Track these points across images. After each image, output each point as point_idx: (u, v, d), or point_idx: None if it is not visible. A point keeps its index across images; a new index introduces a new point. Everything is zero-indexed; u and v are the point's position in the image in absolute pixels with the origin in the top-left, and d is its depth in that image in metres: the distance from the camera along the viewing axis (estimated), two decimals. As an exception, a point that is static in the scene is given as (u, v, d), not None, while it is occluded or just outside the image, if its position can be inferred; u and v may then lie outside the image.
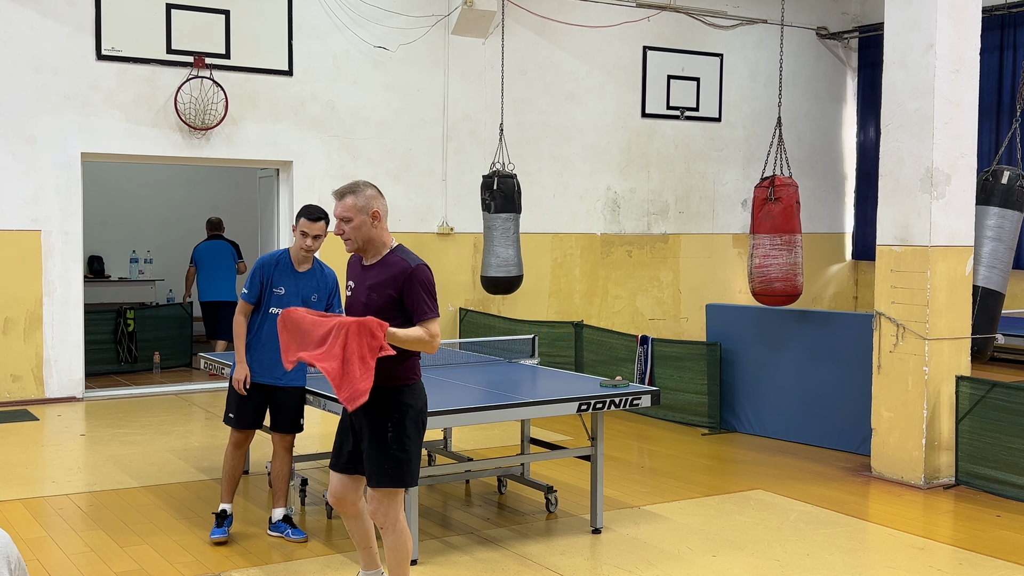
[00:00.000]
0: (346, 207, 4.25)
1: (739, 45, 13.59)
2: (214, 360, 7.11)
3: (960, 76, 6.90)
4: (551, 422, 8.61)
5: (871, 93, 14.26)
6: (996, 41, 12.58)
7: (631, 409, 6.03)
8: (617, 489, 6.74)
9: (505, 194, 10.45)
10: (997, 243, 7.55)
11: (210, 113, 10.18)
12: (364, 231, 4.27)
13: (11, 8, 9.54)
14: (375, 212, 4.26)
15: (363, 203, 4.25)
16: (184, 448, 7.90)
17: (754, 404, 8.61)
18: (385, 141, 11.27)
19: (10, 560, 2.54)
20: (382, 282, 4.26)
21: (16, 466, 7.30)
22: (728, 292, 13.54)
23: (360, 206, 4.24)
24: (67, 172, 9.80)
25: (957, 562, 5.43)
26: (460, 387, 6.05)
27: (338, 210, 4.27)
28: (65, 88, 9.74)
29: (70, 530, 5.86)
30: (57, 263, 9.78)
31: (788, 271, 8.14)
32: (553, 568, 5.25)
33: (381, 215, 4.29)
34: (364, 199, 4.26)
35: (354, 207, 4.24)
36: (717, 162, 13.55)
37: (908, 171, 6.94)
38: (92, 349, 10.63)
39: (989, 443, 6.65)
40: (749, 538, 5.75)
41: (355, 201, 4.25)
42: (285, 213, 10.96)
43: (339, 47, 10.96)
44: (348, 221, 4.26)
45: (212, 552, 5.47)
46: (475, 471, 6.62)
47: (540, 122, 12.20)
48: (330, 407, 5.49)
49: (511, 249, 10.50)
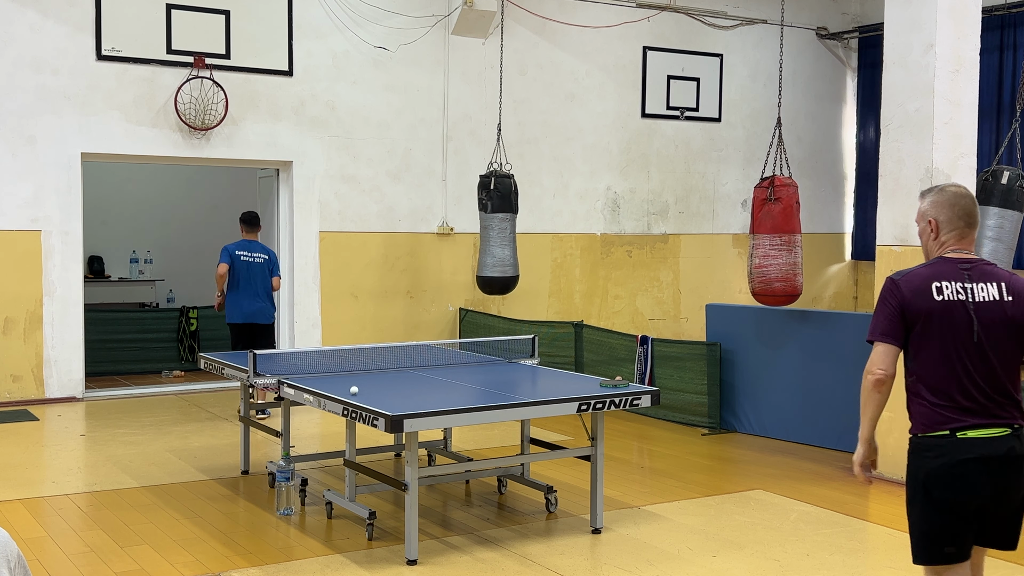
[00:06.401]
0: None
1: (739, 45, 13.59)
2: (214, 360, 7.10)
3: (960, 76, 6.89)
4: (551, 422, 8.62)
5: (871, 93, 14.26)
6: (996, 41, 12.58)
7: (631, 409, 6.03)
8: (617, 489, 6.74)
9: (502, 194, 10.44)
10: (997, 243, 7.56)
11: (210, 113, 10.18)
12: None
13: (11, 8, 9.54)
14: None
15: (925, 208, 3.76)
16: (184, 448, 7.90)
17: (754, 404, 8.61)
18: (385, 141, 11.27)
19: (10, 560, 2.54)
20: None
21: (16, 466, 7.30)
22: (728, 292, 13.54)
23: (922, 211, 3.78)
24: (67, 172, 9.80)
25: (957, 562, 5.42)
26: (460, 387, 6.05)
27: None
28: (65, 88, 9.75)
29: (70, 530, 5.86)
30: (57, 263, 9.78)
31: (788, 271, 8.14)
32: (553, 568, 5.25)
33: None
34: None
35: (917, 212, 3.81)
36: (717, 162, 13.55)
37: (908, 171, 6.94)
38: (94, 349, 10.62)
39: (989, 443, 6.64)
40: (749, 538, 5.75)
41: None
42: (285, 213, 10.96)
43: (339, 47, 10.96)
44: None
45: (212, 552, 5.47)
46: (475, 471, 6.62)
47: (540, 122, 12.20)
48: (330, 407, 5.49)
49: (507, 249, 10.50)
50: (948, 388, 3.50)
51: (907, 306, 3.53)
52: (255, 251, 9.41)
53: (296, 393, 5.86)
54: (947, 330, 3.51)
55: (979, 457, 3.44)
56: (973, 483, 3.45)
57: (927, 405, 3.52)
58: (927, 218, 3.69)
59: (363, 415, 5.16)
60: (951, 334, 3.50)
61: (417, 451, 5.34)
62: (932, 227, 3.67)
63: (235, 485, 6.87)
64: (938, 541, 3.51)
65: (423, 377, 6.37)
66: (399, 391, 5.84)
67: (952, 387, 3.50)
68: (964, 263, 3.59)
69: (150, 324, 11.84)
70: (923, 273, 3.58)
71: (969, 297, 3.52)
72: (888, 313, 3.56)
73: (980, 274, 3.57)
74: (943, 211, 3.65)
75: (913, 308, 3.52)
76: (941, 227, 3.65)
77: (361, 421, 5.20)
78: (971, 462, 3.44)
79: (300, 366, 6.58)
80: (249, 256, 9.35)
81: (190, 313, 11.82)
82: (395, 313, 11.39)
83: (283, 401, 6.34)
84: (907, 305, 3.53)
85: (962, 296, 3.52)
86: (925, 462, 3.51)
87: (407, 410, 5.10)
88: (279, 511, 6.15)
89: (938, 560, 3.53)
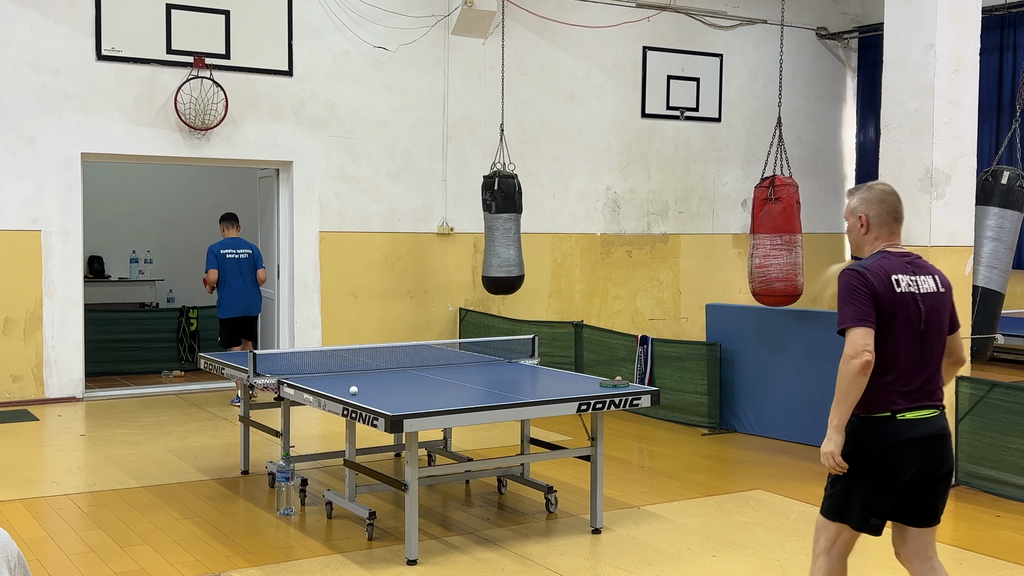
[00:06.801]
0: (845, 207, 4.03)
1: (739, 45, 13.59)
2: (214, 360, 7.11)
3: (960, 76, 6.89)
4: (551, 422, 8.62)
5: (871, 93, 14.26)
6: (996, 41, 12.58)
7: (631, 409, 6.03)
8: (617, 489, 6.74)
9: (506, 194, 10.44)
10: (997, 243, 7.55)
11: (210, 113, 10.18)
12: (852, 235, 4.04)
13: (11, 8, 9.54)
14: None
15: (854, 205, 3.97)
16: (184, 448, 7.90)
17: (754, 404, 8.61)
18: (385, 141, 11.27)
19: (10, 560, 2.54)
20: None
21: (16, 466, 7.30)
22: (728, 292, 13.54)
23: (851, 208, 3.98)
24: (67, 172, 9.80)
25: (957, 562, 5.43)
26: (460, 387, 6.05)
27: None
28: (65, 88, 9.75)
29: (70, 530, 5.86)
30: (57, 263, 9.78)
31: (788, 271, 8.14)
32: (553, 568, 5.25)
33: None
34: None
35: (847, 208, 4.01)
36: (717, 162, 13.55)
37: (908, 171, 6.93)
38: (94, 349, 10.62)
39: (989, 443, 6.65)
40: (749, 538, 5.75)
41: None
42: (285, 213, 10.96)
43: (339, 47, 10.96)
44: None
45: (212, 552, 5.47)
46: (475, 471, 6.62)
47: (540, 122, 12.20)
48: (330, 407, 5.49)
49: (512, 249, 10.50)
50: (894, 373, 3.73)
51: (877, 295, 3.72)
52: (240, 248, 9.88)
53: (296, 393, 5.86)
54: (903, 320, 3.74)
55: (915, 437, 3.71)
56: (909, 459, 3.71)
57: (872, 388, 3.71)
58: (857, 214, 3.90)
59: (363, 415, 5.16)
60: (905, 324, 3.74)
61: (417, 451, 5.34)
62: (863, 222, 3.89)
63: (235, 485, 6.87)
64: (868, 511, 3.77)
65: (423, 377, 6.37)
66: (399, 391, 5.84)
67: (898, 373, 3.73)
68: (905, 257, 3.85)
69: (150, 324, 11.84)
70: (882, 266, 3.77)
71: (917, 289, 3.79)
72: (864, 299, 3.72)
73: (919, 267, 3.85)
74: (872, 207, 3.89)
75: (879, 298, 3.72)
76: (872, 222, 3.88)
77: (361, 421, 5.20)
78: (908, 441, 3.70)
79: (300, 366, 6.58)
80: (235, 253, 9.83)
81: (190, 313, 11.82)
82: (395, 313, 11.39)
83: (283, 401, 6.34)
84: (876, 295, 3.72)
85: (913, 289, 3.78)
86: (867, 440, 3.73)
87: (407, 410, 5.10)
88: (279, 511, 6.15)
89: (866, 529, 3.79)
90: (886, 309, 3.72)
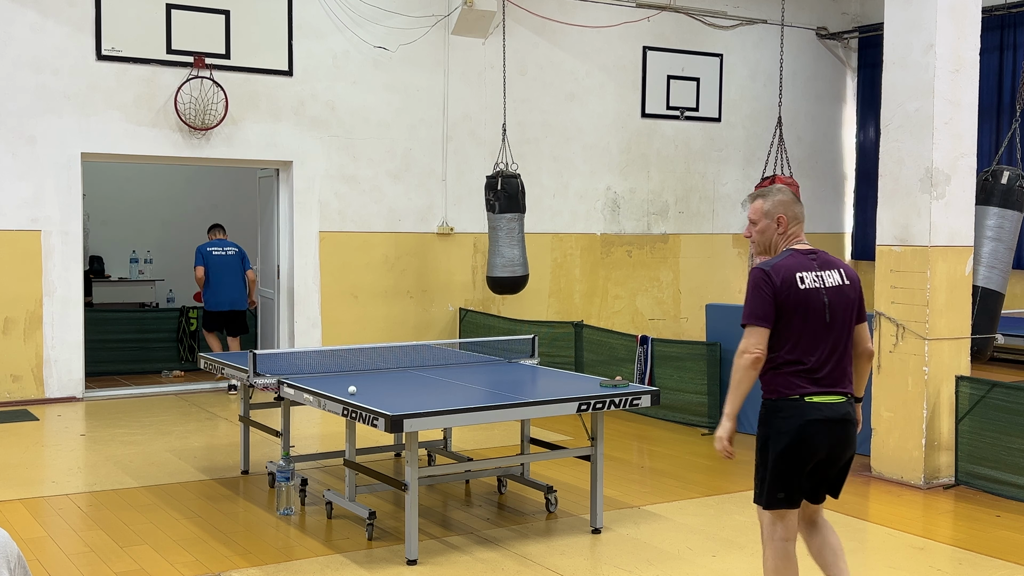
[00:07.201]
0: (753, 210, 4.23)
1: (739, 45, 13.59)
2: (214, 360, 7.11)
3: (960, 76, 6.90)
4: (551, 422, 8.62)
5: (871, 93, 14.26)
6: (996, 41, 12.58)
7: (631, 409, 6.03)
8: (617, 489, 6.74)
9: (509, 194, 10.45)
10: (997, 243, 7.55)
11: (210, 113, 10.18)
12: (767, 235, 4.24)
13: (11, 8, 9.54)
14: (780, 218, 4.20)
15: (769, 207, 4.20)
16: (184, 448, 7.90)
17: (754, 404, 8.55)
18: (385, 141, 11.27)
19: (10, 560, 2.54)
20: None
21: (16, 466, 7.30)
22: (728, 292, 13.54)
23: (766, 210, 4.20)
24: (67, 172, 9.80)
25: (957, 562, 5.43)
26: (460, 387, 6.05)
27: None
28: (65, 88, 9.75)
29: (70, 530, 5.86)
30: (57, 263, 9.78)
31: (788, 271, 8.12)
32: (553, 568, 5.25)
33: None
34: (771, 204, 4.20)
35: (760, 210, 4.21)
36: (717, 162, 13.56)
37: (908, 171, 6.93)
38: (94, 349, 10.61)
39: (989, 443, 6.65)
40: (749, 538, 5.75)
41: (762, 205, 4.21)
42: (285, 213, 10.96)
43: (339, 47, 10.96)
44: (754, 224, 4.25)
45: (212, 552, 5.47)
46: (475, 471, 6.62)
47: (540, 122, 12.20)
48: (329, 407, 5.49)
49: (516, 249, 10.50)
50: (804, 362, 3.99)
51: (778, 294, 3.96)
52: (226, 246, 10.73)
53: (296, 393, 5.86)
54: (808, 314, 3.99)
55: (821, 419, 3.99)
56: (816, 439, 4.00)
57: (784, 375, 4.01)
58: (774, 216, 4.16)
59: (363, 415, 5.16)
60: (811, 317, 3.99)
61: (417, 451, 5.34)
62: (781, 223, 4.15)
63: (235, 485, 6.87)
64: (775, 487, 4.07)
65: (423, 377, 6.37)
66: (399, 391, 5.84)
67: (807, 361, 3.99)
68: (811, 254, 4.10)
69: (150, 324, 11.83)
70: (788, 265, 4.02)
71: (822, 284, 4.04)
72: (763, 300, 3.97)
73: (824, 262, 4.10)
74: (788, 209, 4.17)
75: (782, 296, 3.96)
76: (789, 223, 4.15)
77: (361, 421, 5.20)
78: (815, 423, 3.99)
79: (300, 366, 6.58)
80: (221, 251, 10.66)
81: (190, 313, 11.82)
82: (395, 313, 11.39)
83: (283, 401, 6.34)
84: (778, 293, 3.96)
85: (817, 284, 4.03)
86: (777, 421, 4.05)
87: (407, 410, 5.10)
88: (279, 511, 6.15)
89: (773, 504, 4.09)
90: (790, 304, 3.96)
